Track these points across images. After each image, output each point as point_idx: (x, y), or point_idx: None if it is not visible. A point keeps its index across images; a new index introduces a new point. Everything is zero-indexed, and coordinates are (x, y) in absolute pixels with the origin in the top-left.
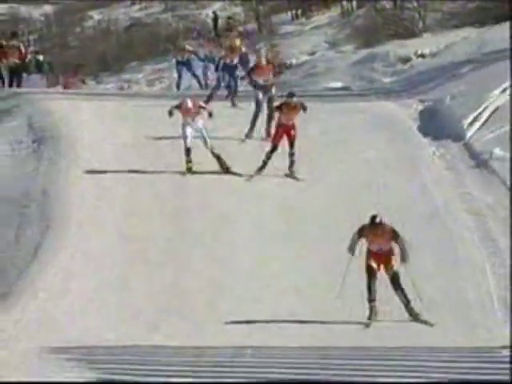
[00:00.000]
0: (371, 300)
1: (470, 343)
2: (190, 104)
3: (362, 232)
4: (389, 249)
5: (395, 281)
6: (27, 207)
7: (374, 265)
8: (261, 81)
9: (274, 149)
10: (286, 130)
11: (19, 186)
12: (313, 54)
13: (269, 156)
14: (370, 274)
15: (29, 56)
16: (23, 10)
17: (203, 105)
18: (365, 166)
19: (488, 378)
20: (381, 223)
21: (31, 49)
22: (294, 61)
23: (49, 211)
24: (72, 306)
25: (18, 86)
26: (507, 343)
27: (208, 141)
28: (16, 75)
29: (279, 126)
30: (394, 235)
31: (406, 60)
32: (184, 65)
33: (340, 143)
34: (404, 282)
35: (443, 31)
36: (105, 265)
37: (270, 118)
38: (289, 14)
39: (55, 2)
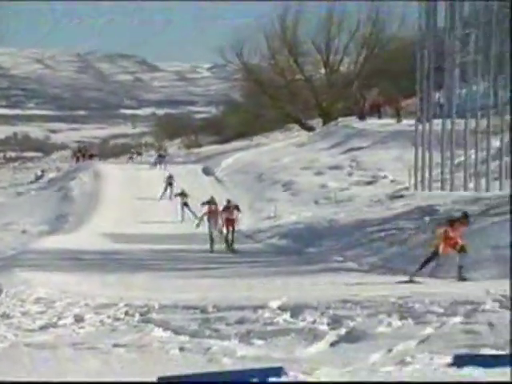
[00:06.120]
0: (421, 268)
1: None
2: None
3: (451, 222)
4: (459, 234)
5: (462, 250)
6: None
7: (441, 247)
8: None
9: (227, 232)
10: (232, 223)
11: None
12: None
13: (226, 237)
14: (436, 253)
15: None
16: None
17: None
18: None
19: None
20: (464, 218)
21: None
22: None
23: (99, 200)
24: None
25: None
26: None
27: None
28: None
29: (226, 220)
30: (467, 222)
31: None
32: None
33: (191, 182)
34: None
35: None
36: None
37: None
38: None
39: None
